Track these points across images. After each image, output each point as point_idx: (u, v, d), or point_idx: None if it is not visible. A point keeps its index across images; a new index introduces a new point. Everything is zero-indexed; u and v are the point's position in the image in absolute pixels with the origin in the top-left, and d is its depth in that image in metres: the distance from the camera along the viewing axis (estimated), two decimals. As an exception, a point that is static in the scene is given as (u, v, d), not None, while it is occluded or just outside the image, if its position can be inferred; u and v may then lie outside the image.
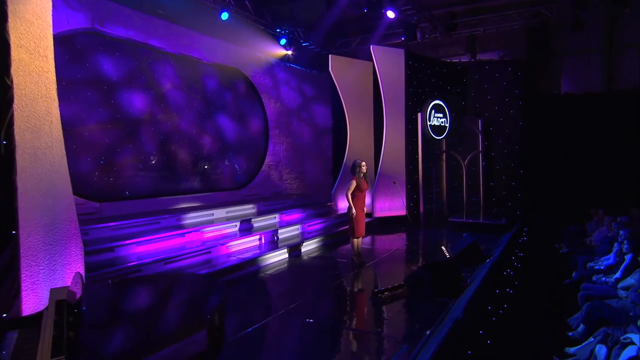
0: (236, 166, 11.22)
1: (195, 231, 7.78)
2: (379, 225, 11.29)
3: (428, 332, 4.41)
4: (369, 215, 11.41)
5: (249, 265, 7.31)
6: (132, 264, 6.09)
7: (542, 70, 13.36)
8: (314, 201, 11.94)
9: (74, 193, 7.18)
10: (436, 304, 5.38)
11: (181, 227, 7.91)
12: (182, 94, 9.52)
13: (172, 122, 9.30)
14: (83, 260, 4.41)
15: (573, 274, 7.57)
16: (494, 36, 13.64)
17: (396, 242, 9.69)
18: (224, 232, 8.39)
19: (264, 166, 11.74)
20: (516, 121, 12.74)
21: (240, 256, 7.50)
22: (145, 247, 6.76)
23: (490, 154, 13.04)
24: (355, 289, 6.68)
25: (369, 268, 7.53)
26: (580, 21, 10.91)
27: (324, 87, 13.91)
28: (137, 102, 8.54)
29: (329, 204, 11.72)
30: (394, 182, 9.37)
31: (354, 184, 7.39)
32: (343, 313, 5.78)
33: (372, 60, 11.85)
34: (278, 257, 8.02)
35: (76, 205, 6.94)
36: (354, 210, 7.37)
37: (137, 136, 8.58)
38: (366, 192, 7.63)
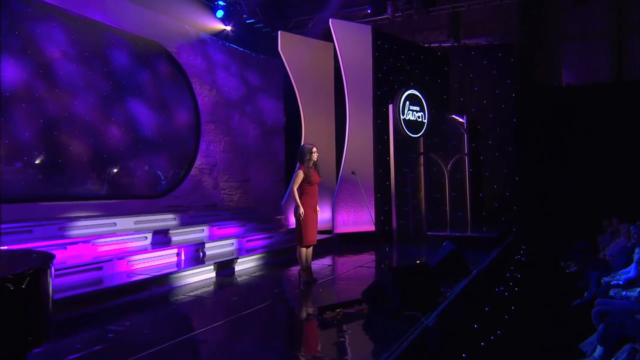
0: (159, 173, 10.40)
1: (84, 242, 6.95)
2: (341, 244, 10.66)
3: (388, 353, 3.68)
4: (328, 232, 10.85)
5: (157, 285, 6.49)
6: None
7: (539, 57, 13.25)
8: (258, 215, 11.20)
9: None
10: (404, 321, 4.68)
11: (64, 237, 7.10)
12: (78, 68, 8.69)
13: (62, 105, 8.41)
14: None
15: (584, 295, 7.30)
16: (481, 18, 13.51)
17: (361, 261, 9.02)
18: (128, 245, 7.57)
19: (193, 169, 10.95)
20: (509, 118, 12.47)
21: (146, 275, 6.65)
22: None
23: (479, 158, 12.69)
24: (300, 311, 6.03)
25: (321, 286, 6.86)
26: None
27: (275, 75, 13.38)
28: (8, 72, 7.60)
29: (277, 217, 11.02)
30: (353, 173, 8.81)
31: (301, 175, 6.75)
32: (277, 338, 5.04)
33: (332, 41, 11.40)
34: (202, 275, 7.23)
35: None
36: (302, 210, 6.68)
37: (5, 119, 7.62)
38: (317, 186, 6.96)
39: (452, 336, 4.45)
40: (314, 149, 6.89)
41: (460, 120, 12.61)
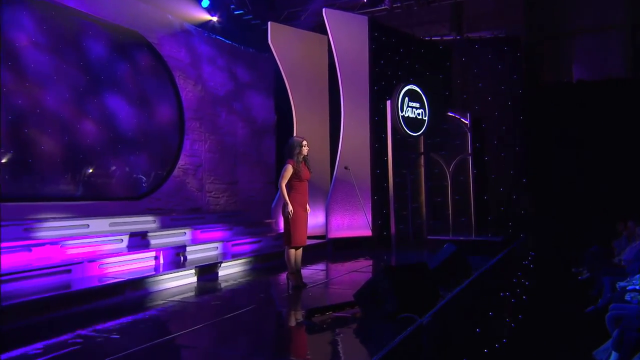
0: (139, 173, 10.25)
1: (52, 244, 6.79)
2: (335, 249, 10.53)
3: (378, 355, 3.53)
4: (321, 237, 10.71)
5: (131, 289, 6.33)
6: None
7: (548, 51, 13.19)
8: (246, 218, 11.07)
9: None
10: (399, 324, 4.52)
11: (30, 239, 6.94)
12: (50, 59, 8.52)
13: (33, 100, 8.24)
14: None
15: (598, 301, 7.19)
16: (485, 10, 13.48)
17: (356, 266, 8.87)
18: (102, 248, 7.41)
19: (176, 170, 10.77)
20: (515, 115, 12.38)
21: (119, 278, 6.49)
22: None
23: (483, 159, 12.57)
24: (287, 315, 5.89)
25: (312, 290, 6.72)
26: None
27: (265, 71, 13.28)
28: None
29: (267, 220, 10.88)
30: (346, 168, 8.67)
31: (290, 169, 6.64)
32: (263, 343, 4.90)
33: (326, 34, 11.31)
34: (182, 280, 7.09)
35: None
36: (290, 207, 6.56)
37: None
38: (307, 183, 6.86)
39: (449, 337, 4.31)
40: (304, 142, 6.80)
41: (464, 121, 12.50)
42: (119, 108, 9.78)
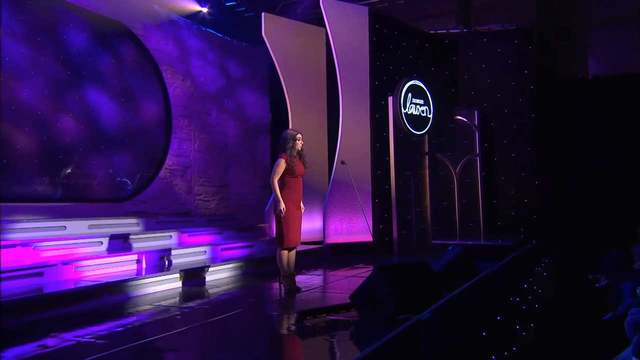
0: (122, 173, 10.18)
1: (23, 246, 6.68)
2: (334, 255, 10.45)
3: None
4: (318, 242, 10.61)
5: (109, 293, 6.23)
6: None
7: (561, 44, 13.09)
8: (237, 222, 10.99)
9: None
10: (398, 327, 4.40)
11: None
12: (26, 50, 8.47)
13: (5, 93, 8.13)
14: None
15: (618, 309, 7.10)
16: (495, 2, 13.43)
17: (355, 272, 8.74)
18: (79, 250, 7.33)
19: (162, 171, 10.69)
20: (527, 113, 12.30)
21: (97, 282, 6.41)
22: None
23: (492, 159, 12.48)
24: (277, 319, 5.84)
25: (306, 294, 6.61)
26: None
27: (260, 66, 13.22)
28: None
29: (260, 225, 10.79)
30: (342, 162, 8.53)
31: (282, 164, 6.56)
32: (246, 351, 4.75)
33: (324, 27, 11.26)
34: (165, 284, 6.99)
35: None
36: (282, 205, 6.44)
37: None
38: (302, 179, 6.78)
39: (451, 336, 4.19)
40: (299, 136, 6.74)
41: (472, 119, 12.40)
42: (102, 104, 9.74)
